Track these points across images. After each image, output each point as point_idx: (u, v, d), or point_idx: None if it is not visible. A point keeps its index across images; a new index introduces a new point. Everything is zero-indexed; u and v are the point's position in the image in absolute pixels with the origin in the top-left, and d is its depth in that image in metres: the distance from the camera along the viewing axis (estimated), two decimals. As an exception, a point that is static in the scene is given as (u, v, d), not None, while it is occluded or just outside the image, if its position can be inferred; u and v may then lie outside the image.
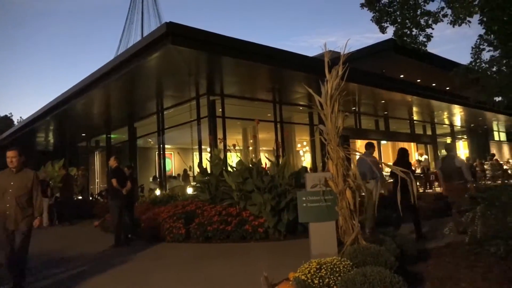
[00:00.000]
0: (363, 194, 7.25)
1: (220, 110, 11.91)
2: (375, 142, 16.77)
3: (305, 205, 4.48)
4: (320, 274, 3.50)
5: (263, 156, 14.10)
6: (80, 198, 16.39)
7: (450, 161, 7.40)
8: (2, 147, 14.16)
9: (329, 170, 4.55)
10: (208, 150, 11.31)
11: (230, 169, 9.02)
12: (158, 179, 15.25)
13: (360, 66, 12.60)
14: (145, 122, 15.14)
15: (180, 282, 5.02)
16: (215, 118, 11.69)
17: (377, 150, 16.53)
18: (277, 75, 11.07)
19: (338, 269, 3.56)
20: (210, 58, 9.15)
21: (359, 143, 17.42)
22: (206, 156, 11.11)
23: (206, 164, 10.15)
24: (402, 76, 16.83)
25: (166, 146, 15.34)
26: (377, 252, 3.89)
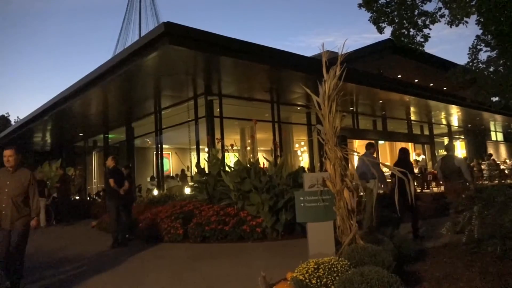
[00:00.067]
0: (361, 194, 7.31)
1: (218, 110, 11.91)
2: (373, 142, 16.88)
3: (303, 205, 4.48)
4: (318, 274, 3.50)
5: (261, 156, 14.11)
6: (77, 198, 16.37)
7: (450, 161, 7.41)
8: (-1, 147, 14.09)
9: (326, 170, 4.55)
10: (206, 150, 11.31)
11: (228, 169, 9.02)
12: (155, 179, 15.23)
13: (358, 66, 12.65)
14: (142, 122, 15.12)
15: (177, 282, 5.01)
16: (213, 118, 11.69)
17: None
18: (275, 75, 11.08)
19: (336, 269, 3.56)
20: (207, 58, 9.14)
21: (357, 143, 17.46)
22: (204, 156, 11.12)
23: (204, 164, 10.16)
24: (399, 76, 16.88)
25: (164, 146, 15.33)
26: (374, 252, 3.90)
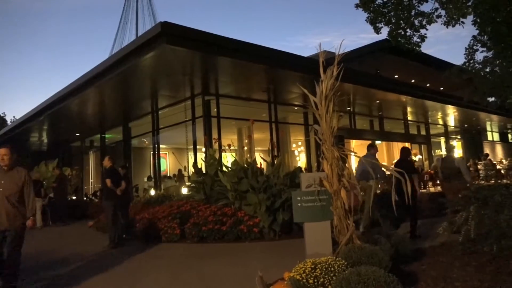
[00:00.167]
0: (361, 193, 7.37)
1: (215, 110, 11.90)
2: (370, 142, 16.92)
3: (300, 205, 4.48)
4: (315, 273, 3.51)
5: (258, 156, 14.11)
6: (74, 198, 16.32)
7: (450, 161, 7.49)
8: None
9: (324, 170, 4.55)
10: (203, 150, 11.29)
11: (225, 169, 9.01)
12: (152, 179, 15.20)
13: (355, 66, 12.66)
14: (139, 122, 15.08)
15: (175, 282, 5.00)
16: (210, 118, 11.68)
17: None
18: (272, 75, 11.08)
19: (333, 268, 3.56)
20: (205, 58, 9.13)
21: (354, 143, 17.49)
22: (201, 156, 11.10)
23: (201, 164, 10.14)
24: (396, 76, 16.93)
25: (161, 146, 15.29)
26: (371, 251, 3.90)
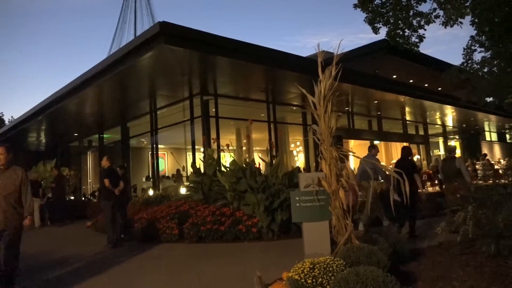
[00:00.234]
0: (360, 193, 7.45)
1: (213, 110, 11.89)
2: (368, 142, 16.93)
3: (298, 205, 4.49)
4: (313, 273, 3.51)
5: (257, 156, 14.11)
6: (72, 198, 16.29)
7: (450, 162, 7.53)
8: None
9: (322, 170, 4.56)
10: (201, 150, 11.28)
11: (223, 169, 9.01)
12: (151, 179, 15.19)
13: (353, 66, 12.65)
14: (138, 121, 15.06)
15: (173, 283, 5.00)
16: (209, 118, 11.67)
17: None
18: (270, 75, 11.08)
19: (331, 268, 3.57)
20: (203, 58, 9.12)
21: (352, 143, 17.50)
22: (200, 156, 11.10)
23: (200, 164, 10.13)
24: (395, 76, 16.93)
25: (159, 146, 15.28)
26: (370, 251, 3.91)
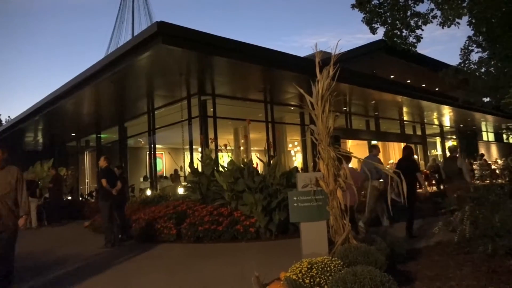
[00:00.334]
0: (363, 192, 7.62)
1: (211, 110, 11.89)
2: (366, 142, 16.97)
3: (296, 205, 4.48)
4: (311, 273, 3.51)
5: (255, 156, 14.11)
6: (69, 198, 16.25)
7: (451, 162, 7.58)
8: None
9: (320, 170, 4.56)
10: (199, 150, 11.28)
11: (221, 169, 9.01)
12: (148, 179, 15.16)
13: (351, 66, 12.68)
14: (135, 121, 15.04)
15: (171, 283, 4.99)
16: (206, 118, 11.67)
17: (367, 149, 16.64)
18: (268, 75, 11.08)
19: (329, 268, 3.57)
20: (201, 57, 9.12)
21: (350, 143, 17.54)
22: (197, 156, 11.09)
23: (197, 164, 10.13)
24: (392, 76, 16.97)
25: (157, 146, 15.27)
26: (367, 251, 3.92)
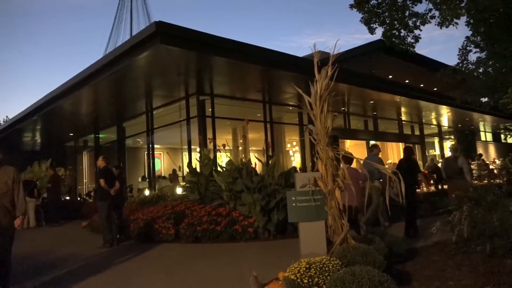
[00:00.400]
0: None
1: (209, 110, 11.88)
2: (364, 142, 16.99)
3: (294, 205, 4.48)
4: (309, 273, 3.51)
5: (253, 156, 14.11)
6: (67, 198, 16.22)
7: (452, 161, 7.61)
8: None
9: (318, 170, 4.56)
10: (197, 150, 11.27)
11: (219, 169, 9.00)
12: (147, 179, 15.14)
13: (349, 66, 12.68)
14: (134, 121, 15.02)
15: (169, 282, 4.99)
16: (205, 118, 11.66)
17: (365, 149, 16.67)
18: (266, 75, 11.08)
19: (327, 268, 3.57)
20: (199, 57, 9.11)
21: (348, 143, 17.54)
22: (196, 156, 11.08)
23: (196, 164, 10.12)
24: (390, 76, 16.98)
25: (155, 146, 15.24)
26: (366, 251, 3.92)
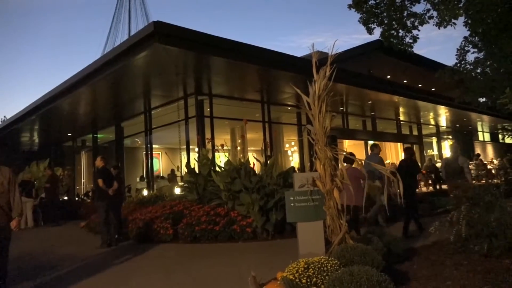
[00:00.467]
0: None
1: (208, 110, 11.87)
2: (362, 142, 17.00)
3: (293, 204, 4.49)
4: (307, 273, 3.52)
5: (251, 156, 14.10)
6: (66, 198, 16.19)
7: (452, 161, 7.65)
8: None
9: (316, 170, 4.57)
10: (196, 150, 11.25)
11: (218, 169, 8.99)
12: (145, 179, 15.12)
13: (347, 66, 12.69)
14: (132, 121, 14.98)
15: (168, 283, 4.98)
16: (203, 118, 11.64)
17: (364, 149, 16.68)
18: (265, 75, 11.08)
19: (325, 268, 3.57)
20: (198, 57, 9.10)
21: (347, 143, 17.55)
22: (194, 156, 11.06)
23: (194, 164, 10.11)
24: (389, 77, 17.00)
25: (154, 146, 15.21)
26: (364, 251, 3.93)
